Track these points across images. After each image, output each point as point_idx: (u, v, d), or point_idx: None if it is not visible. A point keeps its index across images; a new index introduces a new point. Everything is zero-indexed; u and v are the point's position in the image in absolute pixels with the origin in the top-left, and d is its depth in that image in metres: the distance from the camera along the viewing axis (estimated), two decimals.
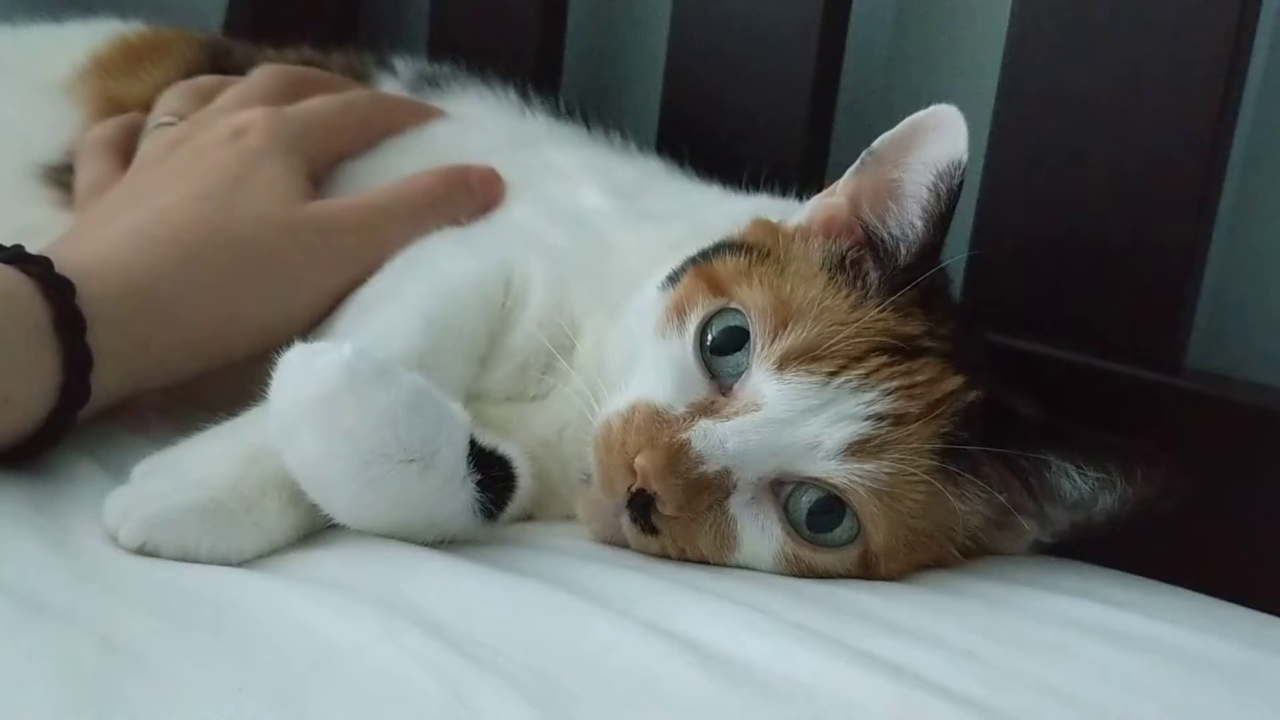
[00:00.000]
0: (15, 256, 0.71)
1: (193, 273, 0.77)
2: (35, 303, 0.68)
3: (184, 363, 0.78)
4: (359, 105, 0.96)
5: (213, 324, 0.78)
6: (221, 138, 0.86)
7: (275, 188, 0.83)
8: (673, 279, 0.77)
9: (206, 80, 0.99)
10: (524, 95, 1.02)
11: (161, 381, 0.77)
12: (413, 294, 0.79)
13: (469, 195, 0.89)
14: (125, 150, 0.93)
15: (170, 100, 0.96)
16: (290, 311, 0.81)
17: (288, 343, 0.65)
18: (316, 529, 0.67)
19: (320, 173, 0.89)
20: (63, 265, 0.71)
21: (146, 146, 0.90)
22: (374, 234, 0.84)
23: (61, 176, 0.95)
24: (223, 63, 1.06)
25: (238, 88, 0.95)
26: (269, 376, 0.64)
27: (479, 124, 0.99)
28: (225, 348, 0.78)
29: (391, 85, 1.05)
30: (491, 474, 0.68)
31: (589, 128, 1.00)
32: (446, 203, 0.88)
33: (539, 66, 1.17)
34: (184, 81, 0.99)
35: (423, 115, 0.99)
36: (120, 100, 1.02)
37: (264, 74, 0.97)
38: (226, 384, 0.75)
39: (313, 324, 0.81)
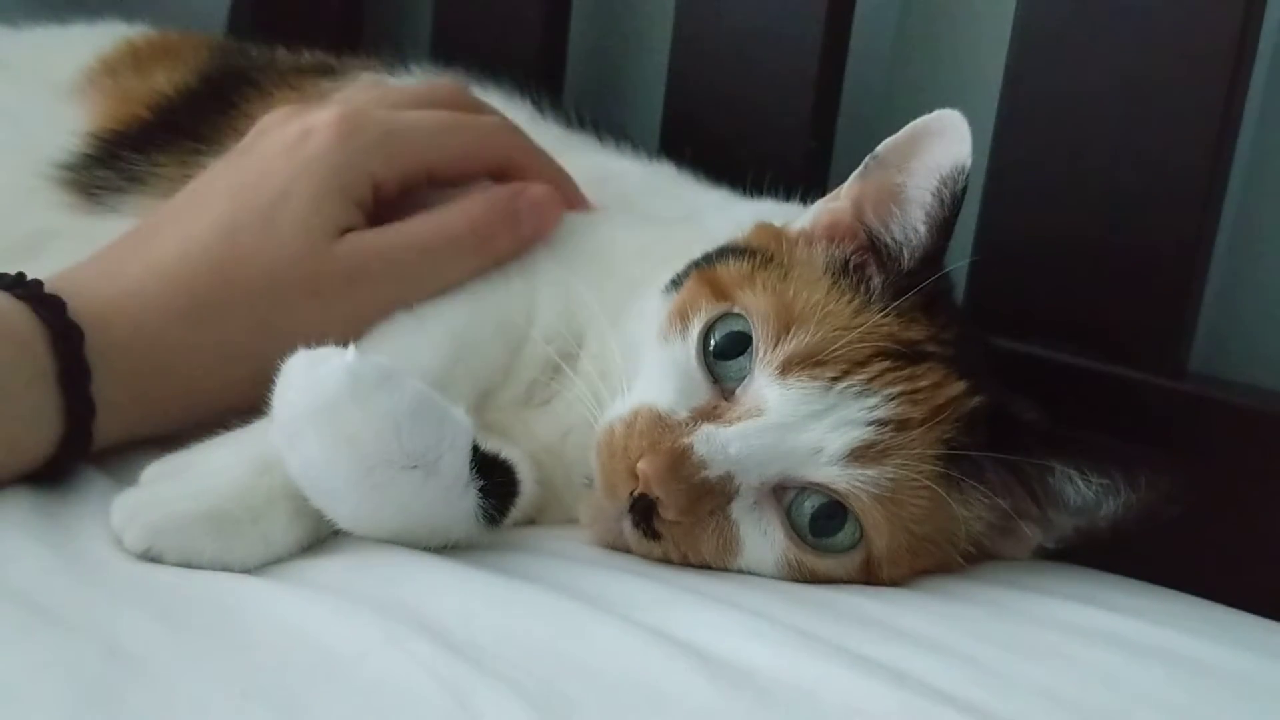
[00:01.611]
0: (31, 294, 0.69)
1: (198, 329, 0.74)
2: (43, 350, 0.68)
3: (185, 414, 0.74)
4: (467, 128, 0.85)
5: (215, 380, 0.75)
6: (289, 141, 0.79)
7: (307, 220, 0.76)
8: (676, 283, 0.77)
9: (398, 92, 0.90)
10: (537, 102, 1.01)
11: (165, 428, 0.73)
12: (438, 315, 0.78)
13: (515, 230, 0.81)
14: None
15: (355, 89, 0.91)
16: None
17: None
18: (321, 538, 0.67)
19: (391, 192, 0.80)
20: (77, 304, 0.70)
21: (257, 124, 0.84)
22: (402, 283, 0.78)
23: (73, 174, 0.95)
24: (235, 63, 1.06)
25: (382, 91, 0.87)
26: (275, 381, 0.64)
27: None
28: (229, 399, 0.72)
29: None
30: (494, 479, 0.68)
31: (598, 134, 1.00)
32: (489, 242, 0.80)
33: (542, 68, 1.17)
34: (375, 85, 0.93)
35: (557, 179, 0.86)
36: (133, 96, 1.01)
37: (445, 89, 0.88)
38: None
39: None
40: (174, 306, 0.73)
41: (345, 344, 0.65)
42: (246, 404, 0.70)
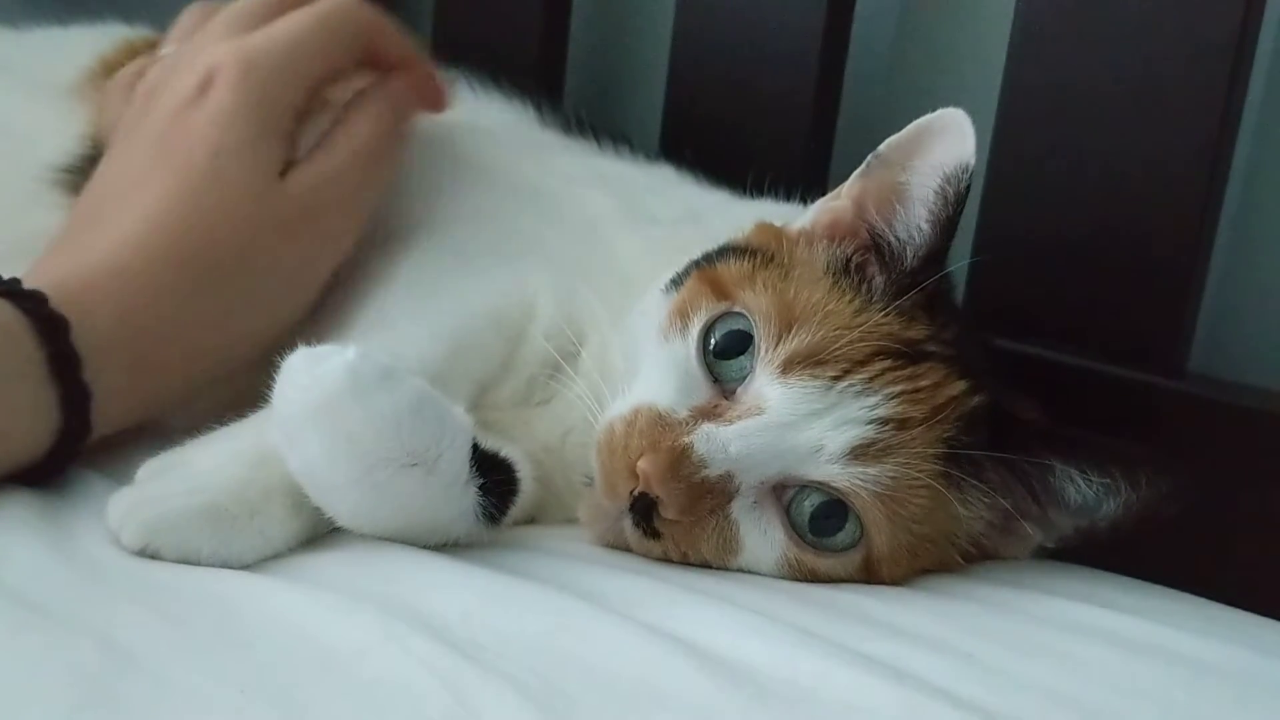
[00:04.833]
0: (10, 290, 0.69)
1: (182, 294, 0.74)
2: (30, 341, 0.68)
3: (186, 383, 0.75)
4: (337, 24, 0.83)
5: (210, 340, 0.76)
6: (188, 95, 0.78)
7: (251, 167, 0.77)
8: (676, 282, 0.77)
9: (212, 6, 0.88)
10: (538, 105, 1.01)
11: (168, 402, 0.75)
12: (434, 310, 0.78)
13: (403, 115, 0.85)
14: None
15: (178, 27, 0.89)
16: (288, 306, 0.79)
17: (291, 343, 0.65)
18: (319, 534, 0.67)
19: (302, 106, 0.81)
20: (56, 297, 0.70)
21: (137, 90, 0.84)
22: (356, 199, 0.81)
23: (74, 177, 0.95)
24: None
25: (223, 15, 0.84)
26: (274, 378, 0.64)
27: (491, 132, 0.98)
28: (226, 360, 0.76)
29: None
30: (494, 478, 0.68)
31: (598, 137, 1.00)
32: (394, 135, 0.84)
33: (542, 68, 1.17)
34: (197, 5, 0.90)
35: (411, 56, 0.88)
36: None
37: None
38: (234, 384, 0.75)
39: (312, 304, 0.80)
40: (160, 278, 0.73)
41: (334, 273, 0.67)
42: (253, 358, 0.72)
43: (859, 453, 0.69)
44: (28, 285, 0.71)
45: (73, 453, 0.70)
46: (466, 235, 0.86)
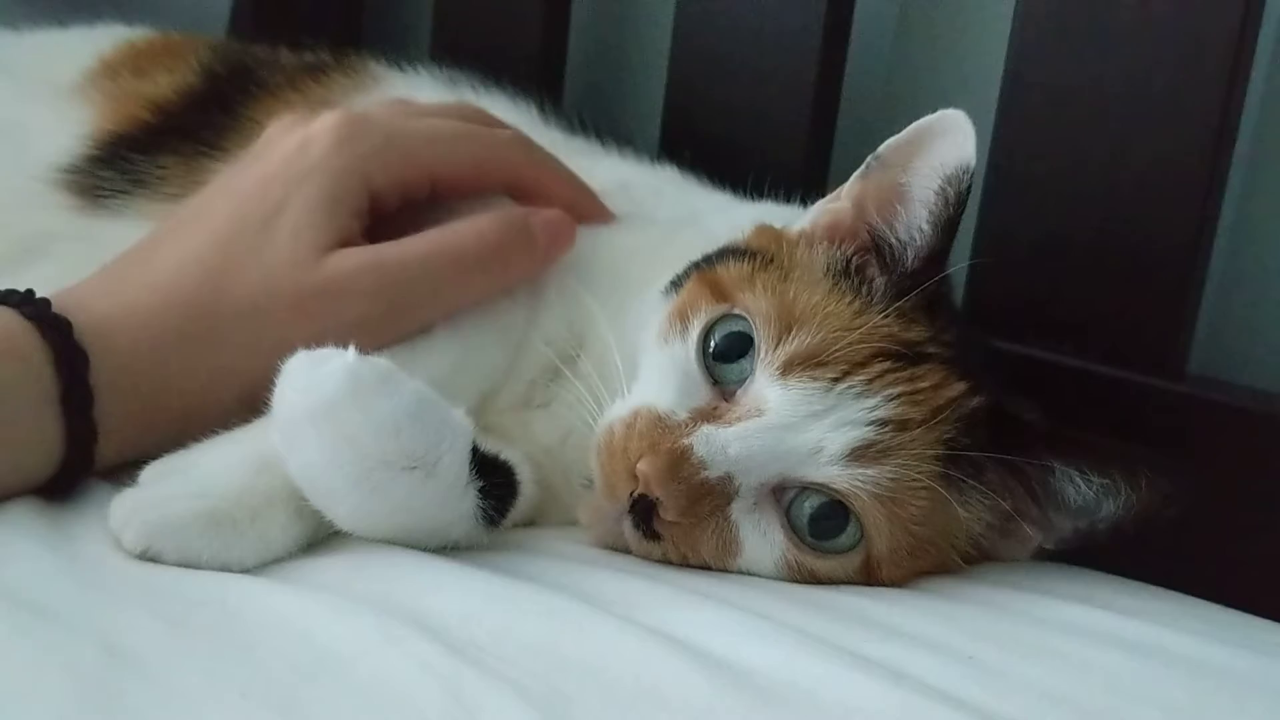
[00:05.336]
0: (39, 314, 0.68)
1: (191, 350, 0.72)
2: (47, 373, 0.67)
3: (180, 432, 0.70)
4: (476, 139, 0.81)
5: (208, 400, 0.72)
6: (290, 151, 0.76)
7: (298, 234, 0.73)
8: (676, 284, 0.77)
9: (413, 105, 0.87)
10: (541, 105, 1.01)
11: (159, 446, 0.70)
12: (439, 324, 0.77)
13: (529, 251, 0.79)
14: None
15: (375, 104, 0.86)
16: None
17: None
18: (320, 538, 0.67)
19: (391, 203, 0.78)
20: (82, 325, 0.68)
21: (265, 132, 0.82)
22: (396, 301, 0.74)
23: (76, 177, 0.95)
24: (238, 63, 1.05)
25: (424, 104, 0.84)
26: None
27: None
28: (221, 418, 0.70)
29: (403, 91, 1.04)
30: (494, 480, 0.68)
31: (600, 138, 1.00)
32: (500, 262, 0.77)
33: (542, 68, 1.17)
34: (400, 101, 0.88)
35: (575, 194, 0.85)
36: (135, 98, 1.01)
37: (463, 106, 0.86)
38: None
39: None
40: (169, 325, 0.72)
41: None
42: (239, 421, 0.69)
43: (859, 454, 0.69)
44: (63, 300, 0.70)
45: (68, 487, 0.69)
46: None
